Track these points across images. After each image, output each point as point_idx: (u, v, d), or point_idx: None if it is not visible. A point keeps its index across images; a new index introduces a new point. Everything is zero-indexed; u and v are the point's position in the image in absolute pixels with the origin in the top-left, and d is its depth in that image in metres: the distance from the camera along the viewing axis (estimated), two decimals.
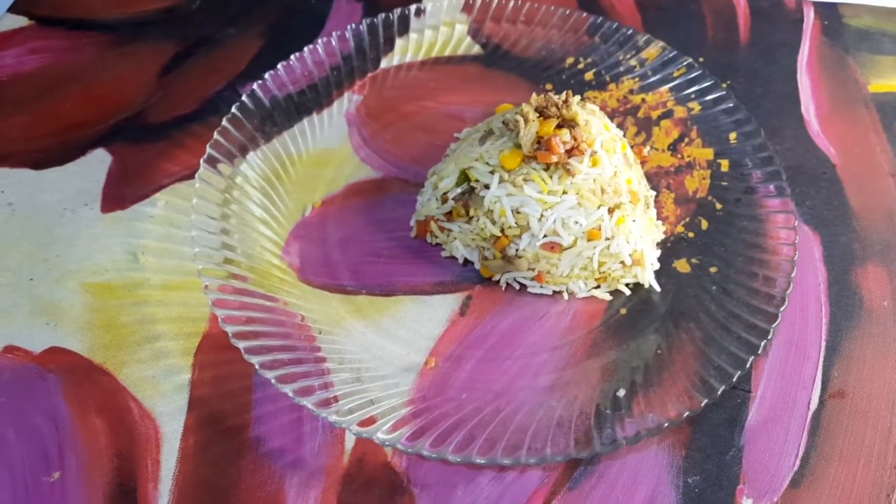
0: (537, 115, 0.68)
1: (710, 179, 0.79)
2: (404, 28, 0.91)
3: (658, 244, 0.74)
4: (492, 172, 0.69)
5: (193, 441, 0.61)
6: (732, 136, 0.81)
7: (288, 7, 1.00)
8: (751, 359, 0.62)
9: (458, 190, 0.71)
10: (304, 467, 0.60)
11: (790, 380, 0.66)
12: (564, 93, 0.70)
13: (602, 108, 0.81)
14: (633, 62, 0.89)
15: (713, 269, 0.71)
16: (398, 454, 0.61)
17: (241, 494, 0.59)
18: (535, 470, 0.60)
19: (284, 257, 0.73)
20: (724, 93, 0.83)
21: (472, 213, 0.70)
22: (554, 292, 0.71)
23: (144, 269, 0.72)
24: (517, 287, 0.71)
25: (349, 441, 0.62)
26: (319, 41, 0.87)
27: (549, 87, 0.89)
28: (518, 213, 0.68)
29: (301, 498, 0.59)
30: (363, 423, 0.59)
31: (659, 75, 0.87)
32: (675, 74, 0.86)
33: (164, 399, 0.64)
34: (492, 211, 0.69)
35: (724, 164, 0.79)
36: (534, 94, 0.71)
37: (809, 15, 1.00)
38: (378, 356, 0.66)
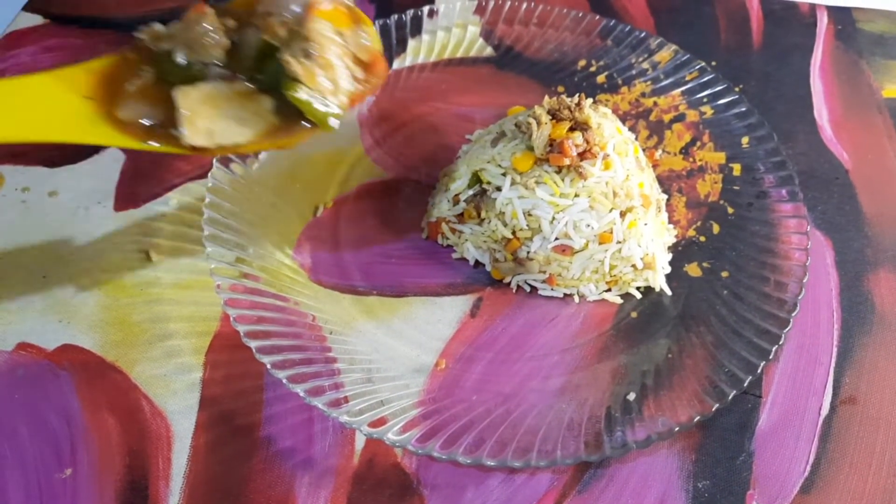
0: (550, 117, 0.68)
1: (721, 183, 0.79)
2: (417, 29, 0.91)
3: (669, 248, 0.74)
4: (504, 174, 0.69)
5: (204, 439, 0.62)
6: (745, 140, 0.80)
7: None
8: (762, 364, 0.62)
9: (470, 192, 0.71)
10: (315, 467, 0.60)
11: (801, 385, 0.65)
12: (577, 95, 0.70)
13: (614, 111, 0.81)
14: (645, 65, 0.88)
15: (724, 274, 0.71)
16: (408, 455, 0.61)
17: (251, 493, 0.59)
18: (545, 472, 0.60)
19: (296, 257, 0.73)
20: (736, 97, 0.83)
21: (483, 214, 0.71)
22: (565, 295, 0.71)
23: (157, 268, 0.72)
24: (528, 289, 0.72)
25: (359, 441, 0.62)
26: None
27: (560, 89, 0.88)
28: (530, 215, 0.68)
29: (311, 497, 0.59)
30: (374, 424, 0.59)
31: (671, 79, 0.87)
32: (687, 78, 0.86)
33: (176, 397, 0.64)
34: (503, 213, 0.69)
35: (737, 169, 0.79)
36: (546, 97, 0.71)
37: (823, 19, 1.00)
38: (389, 357, 0.66)
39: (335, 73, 0.58)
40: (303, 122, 0.59)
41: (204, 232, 0.69)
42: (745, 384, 0.61)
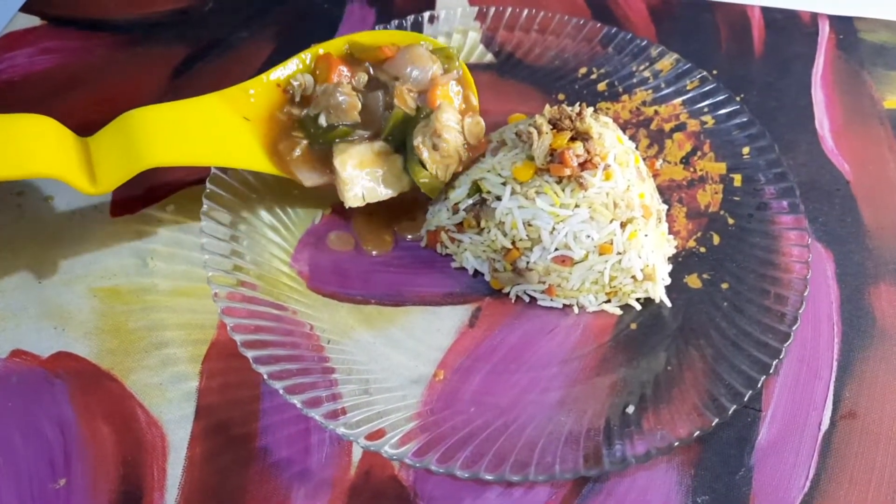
0: (551, 127, 0.68)
1: (722, 194, 0.78)
2: None
3: (669, 259, 0.74)
4: (504, 184, 0.69)
5: (200, 450, 0.61)
6: (746, 150, 0.80)
7: (301, 11, 0.99)
8: (762, 378, 0.62)
9: (470, 201, 0.71)
10: (311, 478, 0.60)
11: (801, 399, 0.65)
12: (578, 105, 0.69)
13: (614, 120, 0.80)
14: (646, 73, 0.88)
15: (725, 286, 0.71)
16: (405, 467, 0.61)
17: None
18: (544, 485, 0.60)
19: (294, 265, 0.72)
20: (737, 107, 0.83)
21: (483, 224, 0.70)
22: (564, 306, 0.71)
23: (153, 275, 0.72)
24: (527, 300, 0.71)
25: (356, 453, 0.61)
26: None
27: (561, 96, 0.88)
28: (529, 225, 0.68)
29: None
30: (371, 437, 0.59)
31: (672, 87, 0.87)
32: (688, 87, 0.86)
33: (172, 406, 0.63)
34: (503, 223, 0.69)
35: (737, 179, 0.79)
36: (547, 105, 0.70)
37: (824, 28, 0.99)
38: (386, 367, 0.66)
39: (451, 162, 0.70)
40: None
41: (201, 239, 0.69)
42: (746, 398, 0.61)
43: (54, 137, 0.68)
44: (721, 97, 0.84)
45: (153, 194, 0.78)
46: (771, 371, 0.63)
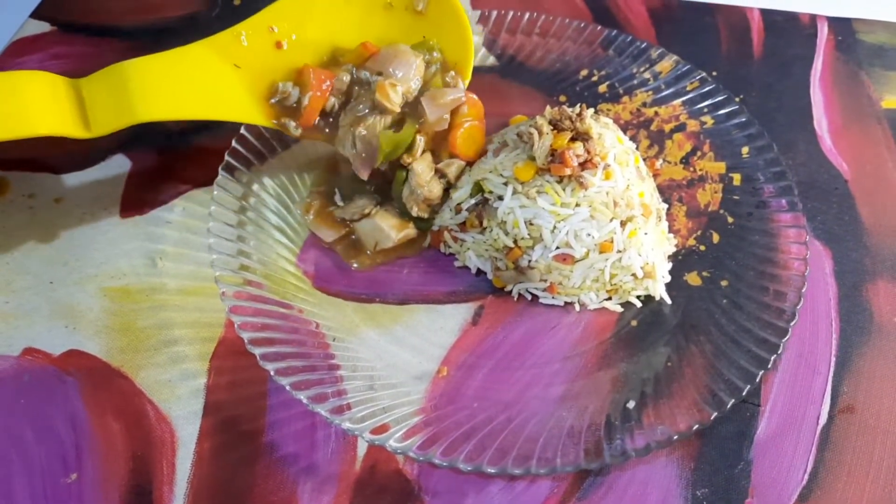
0: (551, 127, 0.69)
1: (722, 193, 0.79)
2: None
3: (669, 257, 0.75)
4: (505, 184, 0.70)
5: (208, 445, 0.62)
6: (745, 150, 0.81)
7: None
8: (760, 373, 0.63)
9: (472, 201, 0.72)
10: (317, 473, 0.61)
11: (799, 394, 0.66)
12: (578, 106, 0.70)
13: (615, 121, 0.81)
14: (646, 75, 0.89)
15: (724, 283, 0.72)
16: (410, 462, 0.62)
17: (255, 499, 0.60)
18: (546, 479, 0.61)
19: (300, 265, 0.74)
20: (737, 107, 0.84)
21: (485, 223, 0.71)
22: (566, 303, 0.72)
23: (162, 274, 0.73)
24: (529, 298, 0.72)
25: (361, 448, 0.62)
26: None
27: (563, 98, 0.89)
28: (531, 224, 0.69)
29: (314, 503, 0.59)
30: (375, 431, 0.60)
31: (672, 89, 0.88)
32: (688, 88, 0.87)
33: (180, 403, 0.65)
34: (505, 222, 0.70)
35: (737, 178, 0.80)
36: (548, 107, 0.71)
37: (823, 30, 1.00)
38: (391, 364, 0.67)
39: (436, 199, 0.74)
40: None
41: (209, 239, 0.70)
42: (744, 393, 0.62)
43: (47, 91, 0.68)
44: (720, 98, 0.85)
45: (162, 196, 0.79)
46: (769, 366, 0.64)
